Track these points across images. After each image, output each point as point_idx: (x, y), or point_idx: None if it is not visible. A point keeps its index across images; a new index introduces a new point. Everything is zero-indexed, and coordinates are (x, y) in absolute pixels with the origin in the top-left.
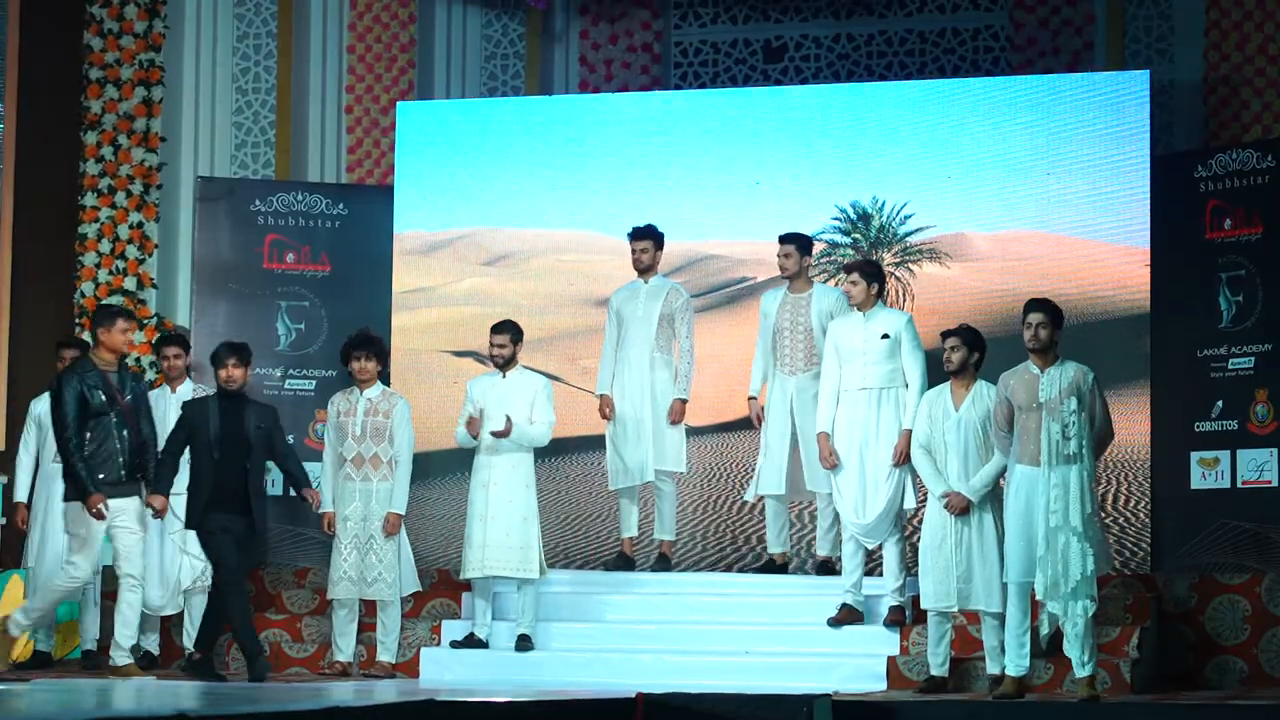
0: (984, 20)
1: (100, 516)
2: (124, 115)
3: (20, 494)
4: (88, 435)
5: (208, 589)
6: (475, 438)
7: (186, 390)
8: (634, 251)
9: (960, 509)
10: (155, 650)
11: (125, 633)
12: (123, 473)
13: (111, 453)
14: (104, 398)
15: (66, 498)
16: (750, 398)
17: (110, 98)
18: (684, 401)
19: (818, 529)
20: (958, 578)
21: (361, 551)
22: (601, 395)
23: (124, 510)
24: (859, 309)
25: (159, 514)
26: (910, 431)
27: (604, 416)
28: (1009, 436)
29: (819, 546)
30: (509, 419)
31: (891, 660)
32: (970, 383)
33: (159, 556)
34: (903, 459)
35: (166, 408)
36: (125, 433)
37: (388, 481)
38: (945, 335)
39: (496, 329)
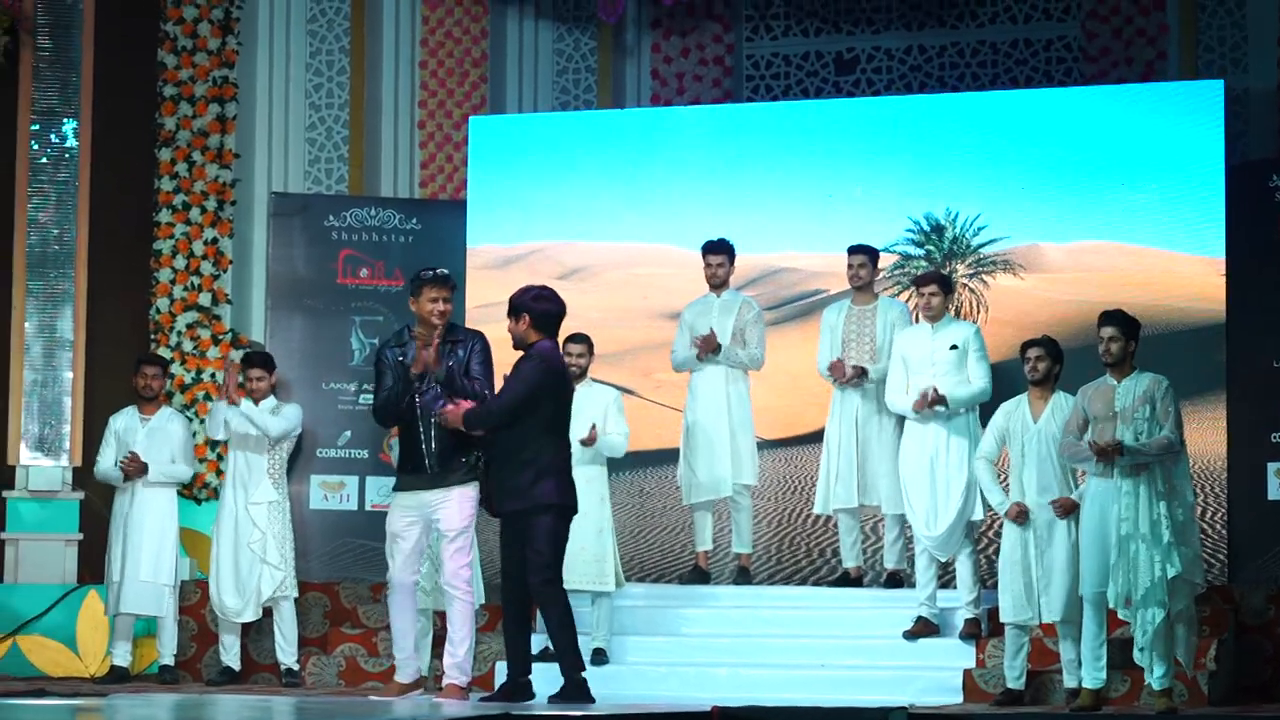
0: (1056, 31)
1: None
2: (198, 132)
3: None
4: None
5: (293, 598)
6: None
7: (269, 408)
8: (708, 266)
9: (1022, 517)
10: (236, 665)
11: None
12: None
13: None
14: None
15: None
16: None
17: (184, 114)
18: (717, 349)
19: (885, 542)
20: (1037, 591)
21: (436, 563)
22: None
23: None
24: (931, 321)
25: None
26: (933, 393)
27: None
28: (1077, 442)
29: (886, 559)
30: (594, 426)
31: (967, 673)
32: (1049, 394)
33: (234, 563)
34: (921, 405)
35: (246, 429)
36: None
37: None
38: (1028, 346)
39: (573, 340)
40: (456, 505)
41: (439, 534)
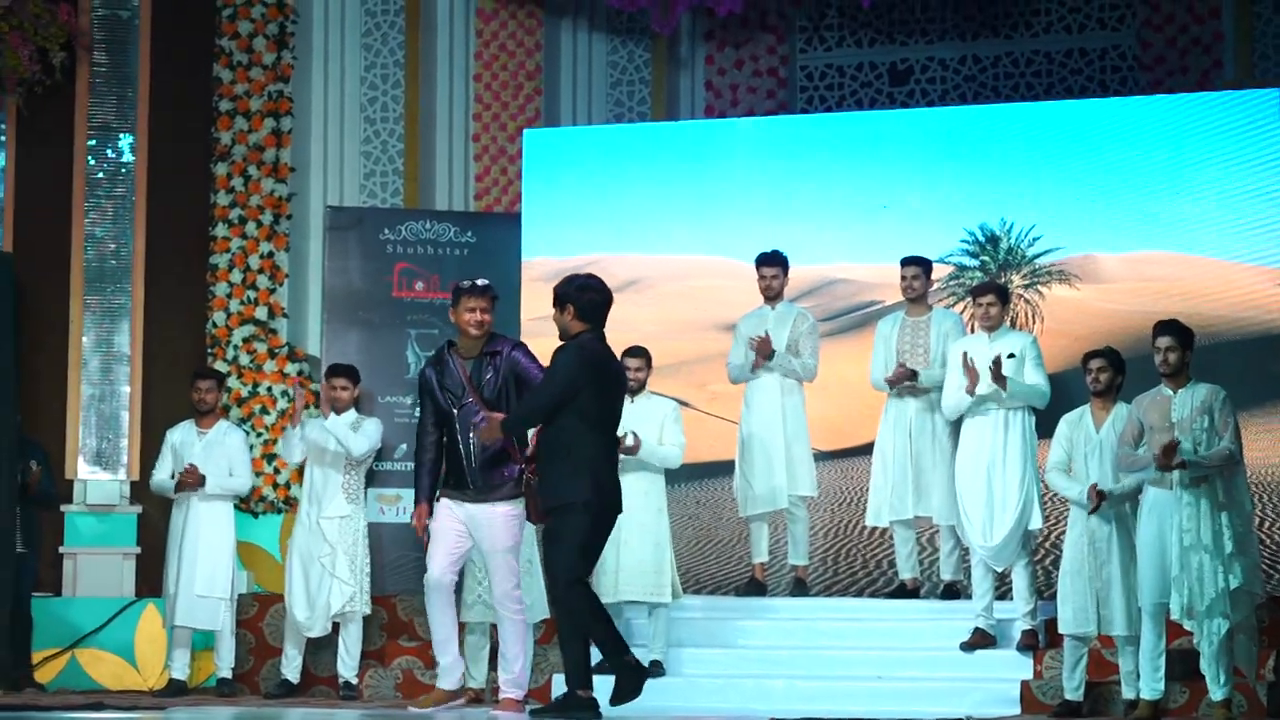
0: (1111, 40)
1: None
2: (254, 146)
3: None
4: None
5: (362, 615)
6: None
7: (349, 420)
8: (762, 278)
9: (1100, 499)
10: (295, 678)
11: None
12: None
13: None
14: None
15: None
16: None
17: (240, 129)
18: (771, 354)
19: (940, 553)
20: (1097, 602)
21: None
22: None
23: None
24: (988, 331)
25: None
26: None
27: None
28: (1133, 452)
29: (942, 571)
30: (635, 434)
31: (1025, 685)
32: (1111, 405)
33: (304, 577)
34: (973, 379)
35: (325, 443)
36: None
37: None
38: (1090, 356)
39: (631, 353)
40: (502, 523)
41: (483, 552)
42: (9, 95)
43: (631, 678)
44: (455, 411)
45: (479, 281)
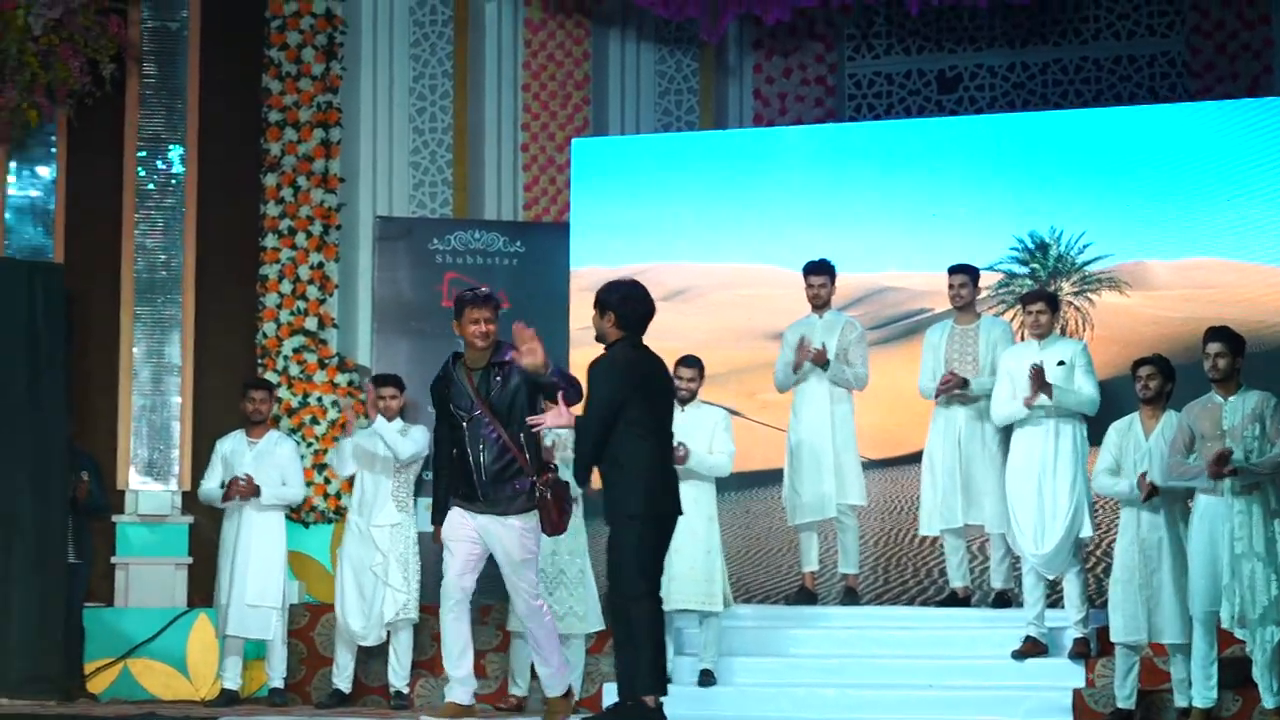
0: (1160, 47)
1: None
2: (303, 157)
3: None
4: None
5: (413, 623)
6: None
7: (396, 428)
8: (810, 286)
9: (1153, 492)
10: (347, 688)
11: None
12: None
13: None
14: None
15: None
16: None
17: (289, 140)
18: (825, 364)
19: (991, 561)
20: (1148, 610)
21: (549, 586)
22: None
23: None
24: (1038, 339)
25: None
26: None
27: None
28: (1184, 461)
29: (993, 579)
30: (684, 445)
31: (1077, 693)
32: (1160, 412)
33: (358, 586)
34: (1034, 388)
35: (374, 448)
36: None
37: (573, 519)
38: (1140, 364)
39: (684, 363)
40: (516, 538)
41: (499, 565)
42: (60, 107)
43: (631, 714)
44: (465, 424)
45: (481, 290)
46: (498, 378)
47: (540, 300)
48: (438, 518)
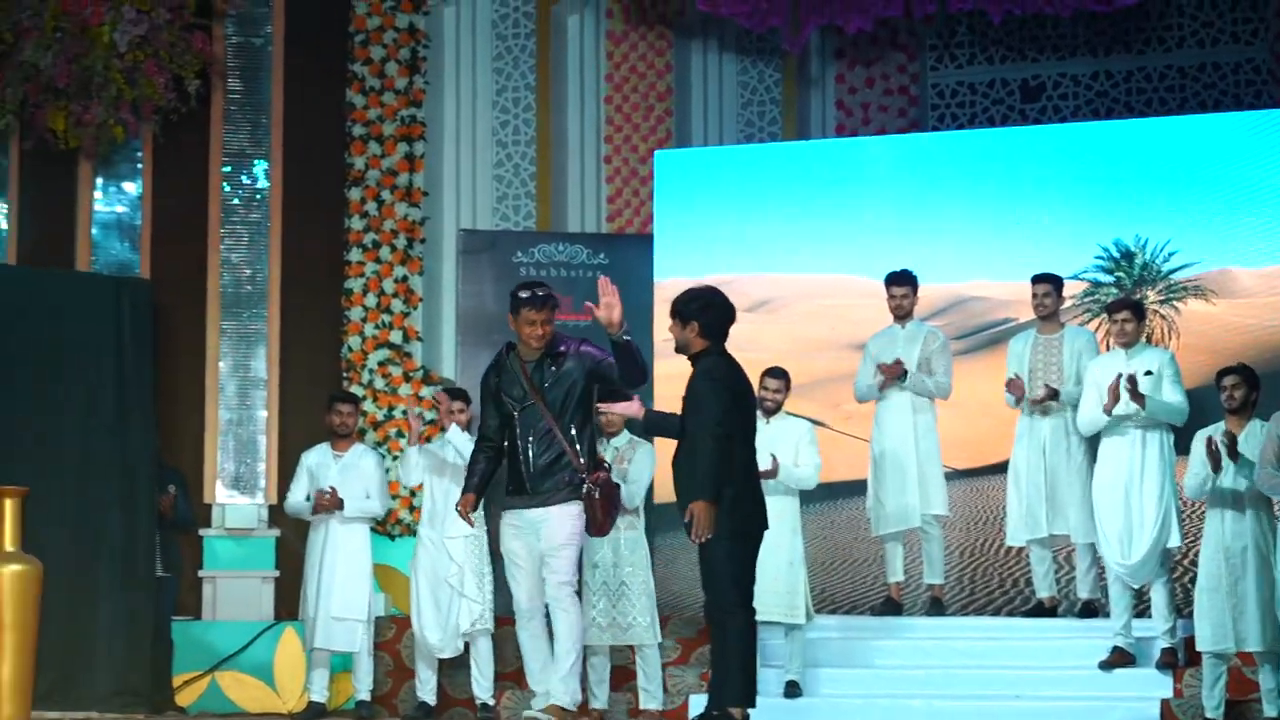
0: (1244, 54)
1: None
2: (387, 171)
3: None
4: None
5: (490, 632)
6: None
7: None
8: (892, 297)
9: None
10: (432, 700)
11: None
12: None
13: None
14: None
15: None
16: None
17: (373, 154)
18: (903, 375)
19: (1077, 571)
20: (1234, 619)
21: (613, 599)
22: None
23: None
24: (1124, 347)
25: None
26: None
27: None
28: (1276, 473)
29: (1079, 589)
30: (774, 458)
31: (1165, 703)
32: (1245, 422)
33: (434, 598)
34: (1114, 395)
35: (444, 454)
36: None
37: (635, 530)
38: (1224, 373)
39: (771, 374)
40: (556, 522)
41: (542, 548)
42: (145, 123)
43: None
44: (516, 414)
45: (539, 291)
46: (552, 368)
47: (624, 312)
48: (470, 484)
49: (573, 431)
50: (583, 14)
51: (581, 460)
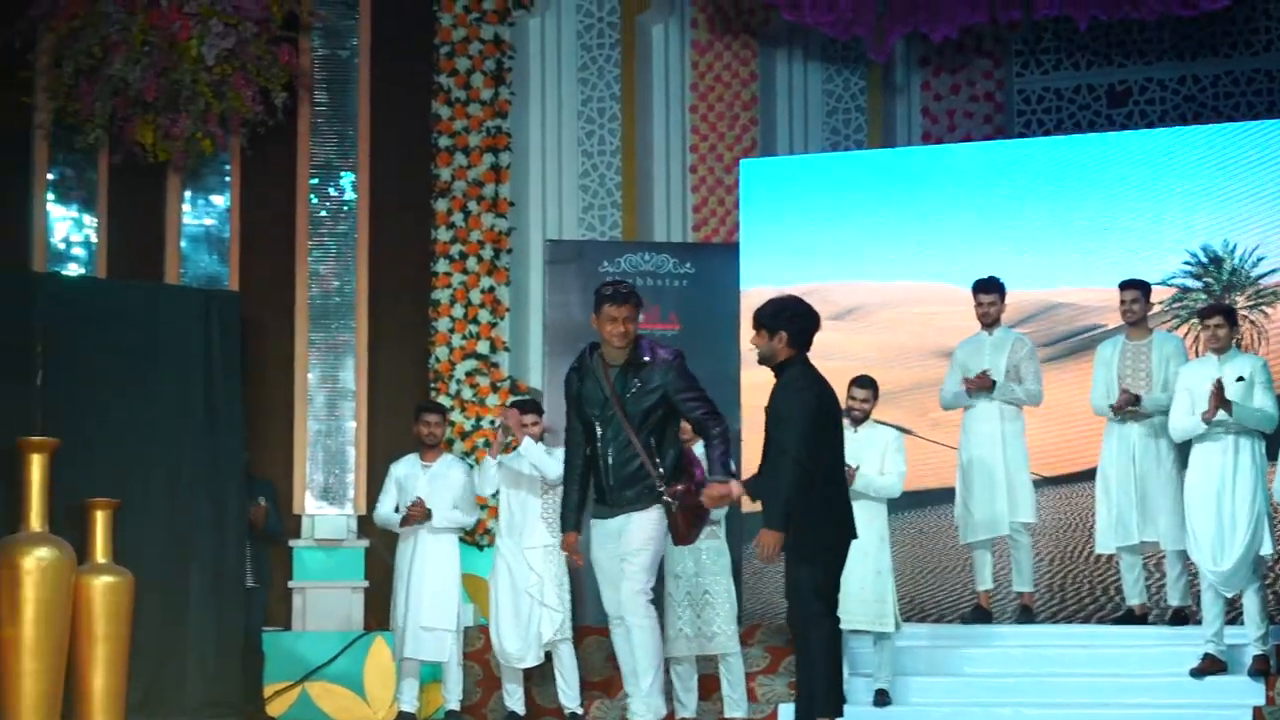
0: None
1: None
2: (473, 182)
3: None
4: None
5: (571, 641)
6: None
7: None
8: (979, 304)
9: None
10: (521, 710)
11: None
12: None
13: None
14: None
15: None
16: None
17: (459, 165)
18: (991, 386)
19: (1167, 578)
20: None
21: (696, 608)
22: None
23: None
24: (1216, 353)
25: None
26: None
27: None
28: None
29: (1170, 596)
30: (851, 467)
31: (1257, 710)
32: None
33: (514, 608)
34: (1214, 403)
35: (520, 468)
36: None
37: (717, 539)
38: None
39: (858, 383)
40: (635, 526)
41: (621, 556)
42: (234, 136)
43: None
44: (597, 423)
45: (622, 287)
46: (635, 379)
47: (711, 321)
48: (569, 521)
49: (652, 443)
50: (668, 23)
51: (661, 471)
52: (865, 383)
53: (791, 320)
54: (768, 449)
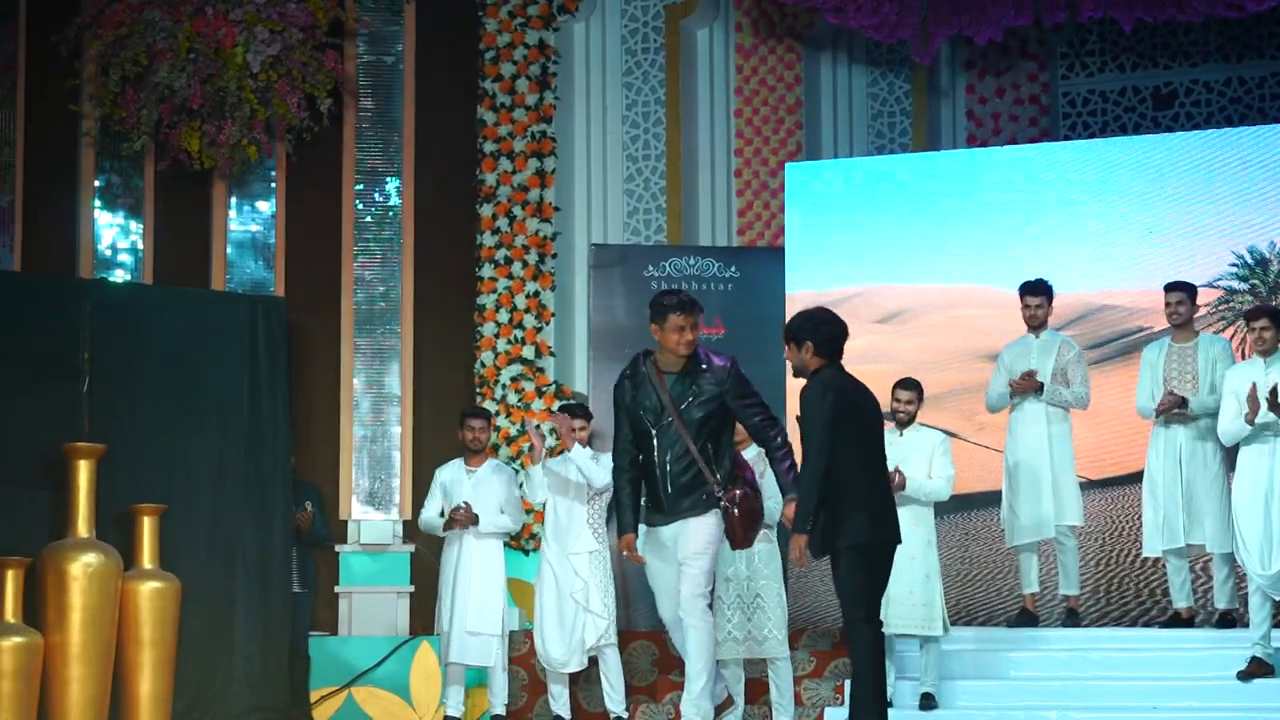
0: None
1: None
2: (518, 187)
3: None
4: None
5: (614, 645)
6: None
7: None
8: (1026, 307)
9: None
10: (566, 714)
11: None
12: None
13: None
14: None
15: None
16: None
17: (504, 170)
18: (1040, 388)
19: (1214, 581)
20: None
21: (747, 612)
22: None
23: None
24: (1263, 355)
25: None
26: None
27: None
28: None
29: (1217, 599)
30: (899, 471)
31: None
32: None
33: (558, 613)
34: (1255, 406)
35: (567, 473)
36: None
37: (769, 543)
38: None
39: (902, 385)
40: (692, 531)
41: (679, 560)
42: (279, 143)
43: None
44: (653, 431)
45: (685, 296)
46: (693, 386)
47: (756, 325)
48: (627, 521)
49: (710, 450)
50: (712, 28)
51: (718, 477)
52: (909, 384)
53: (816, 329)
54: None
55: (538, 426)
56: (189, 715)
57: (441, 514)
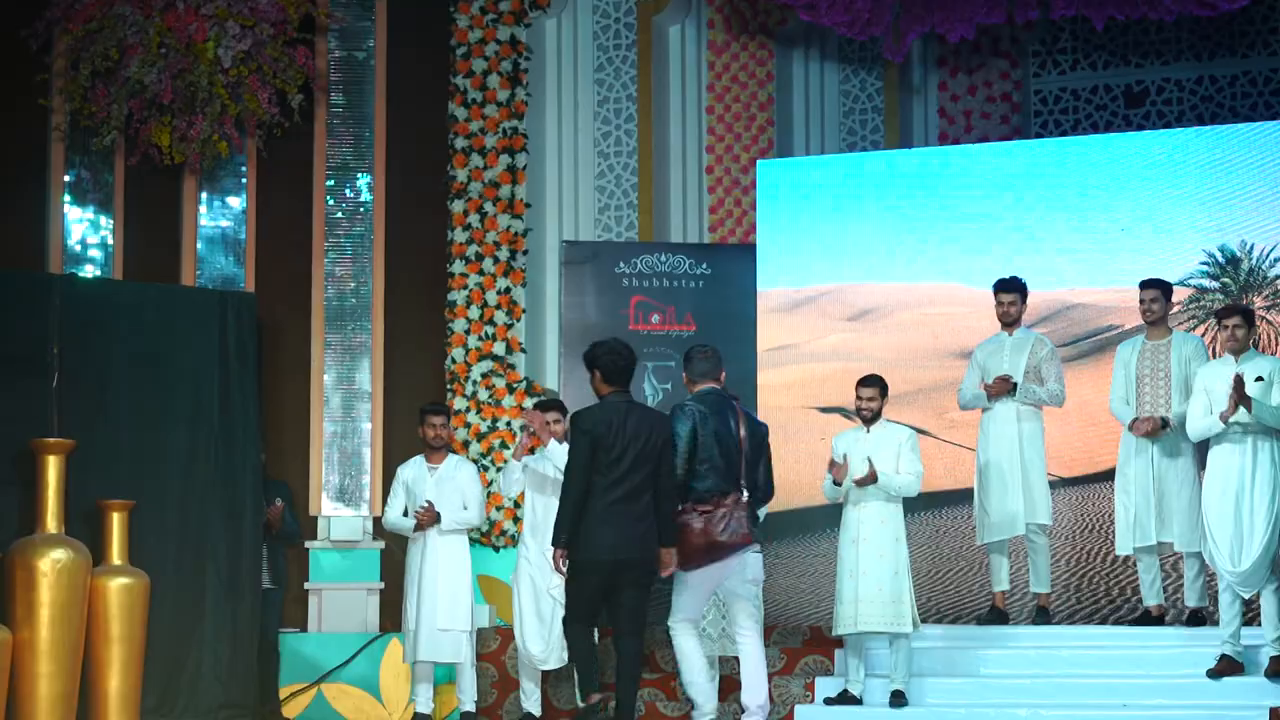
0: None
1: None
2: (489, 183)
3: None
4: None
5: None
6: (838, 484)
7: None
8: (1000, 304)
9: None
10: (537, 711)
11: None
12: None
13: None
14: None
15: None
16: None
17: (475, 166)
18: (1013, 389)
19: (1185, 579)
20: None
21: (722, 609)
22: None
23: None
24: (1234, 354)
25: None
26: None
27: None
28: None
29: (1187, 597)
30: (870, 463)
31: (1274, 711)
32: None
33: (536, 610)
34: (1234, 400)
35: (545, 470)
36: None
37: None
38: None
39: (864, 383)
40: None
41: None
42: (249, 138)
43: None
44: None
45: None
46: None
47: (727, 322)
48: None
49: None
50: (684, 24)
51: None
52: (870, 382)
53: (596, 359)
54: None
55: (524, 426)
56: (158, 711)
57: (406, 513)
